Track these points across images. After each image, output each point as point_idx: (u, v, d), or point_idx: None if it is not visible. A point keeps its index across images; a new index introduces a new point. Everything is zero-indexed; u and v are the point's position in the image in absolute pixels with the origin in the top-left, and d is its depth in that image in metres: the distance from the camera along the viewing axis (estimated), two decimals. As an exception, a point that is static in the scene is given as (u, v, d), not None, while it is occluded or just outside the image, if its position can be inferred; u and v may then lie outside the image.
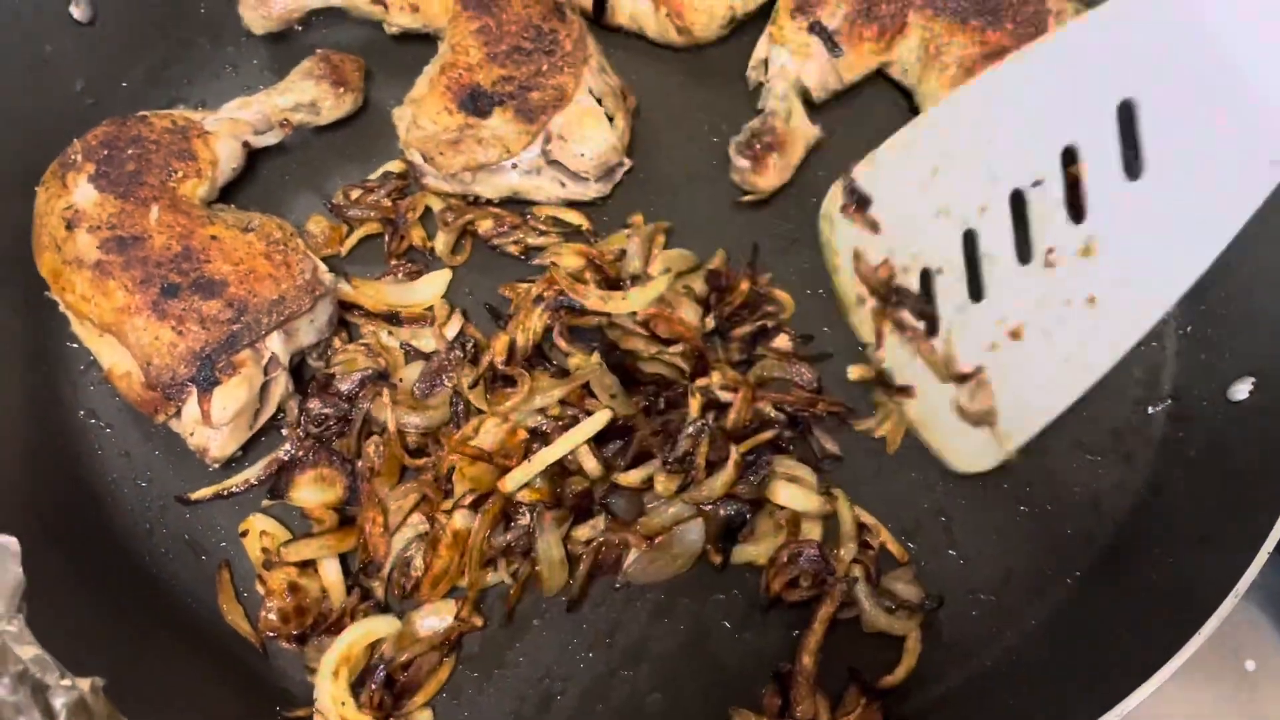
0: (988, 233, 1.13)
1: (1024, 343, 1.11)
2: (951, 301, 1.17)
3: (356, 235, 1.42)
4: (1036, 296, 1.10)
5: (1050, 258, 1.08)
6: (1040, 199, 1.08)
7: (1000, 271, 1.12)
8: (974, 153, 1.12)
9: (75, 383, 1.32)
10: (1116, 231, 1.04)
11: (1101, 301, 1.05)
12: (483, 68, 1.39)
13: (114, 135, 1.32)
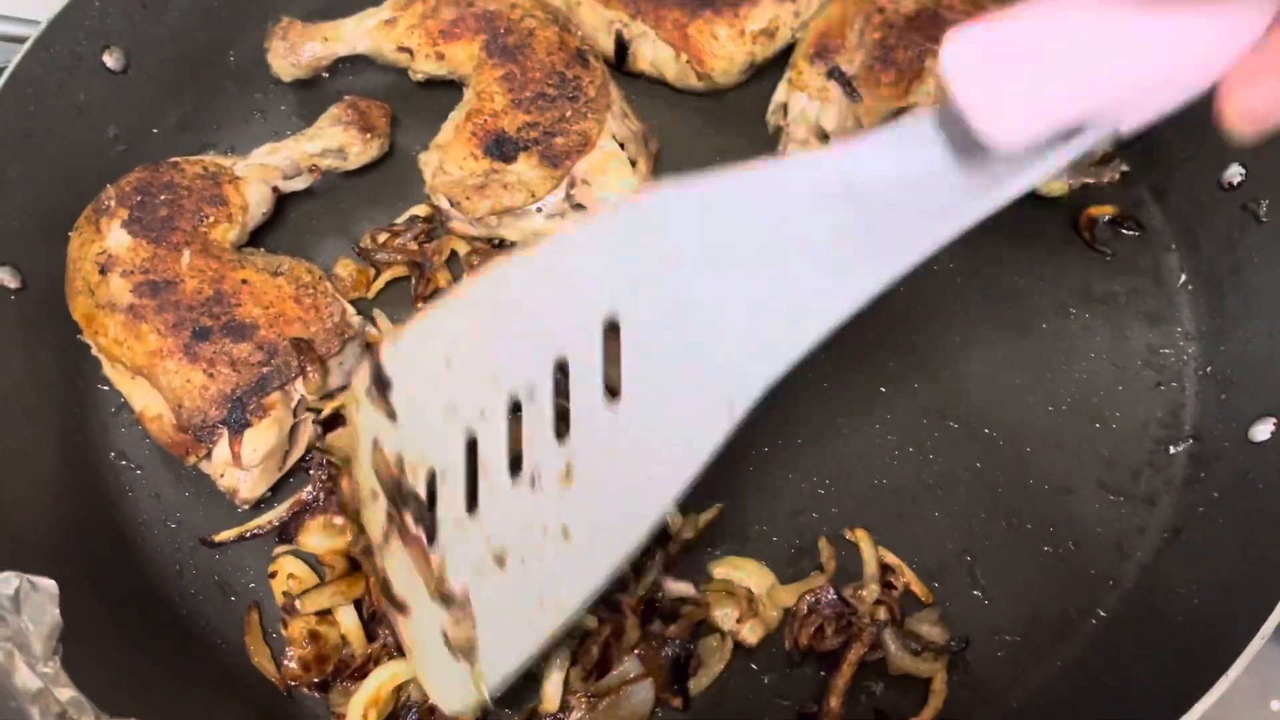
0: (486, 440, 1.01)
1: (506, 570, 1.00)
2: (451, 512, 1.04)
3: (384, 278, 1.43)
4: (520, 520, 1.00)
5: (535, 478, 0.99)
6: (533, 411, 0.98)
7: (493, 486, 1.01)
8: (481, 349, 1.02)
9: (107, 425, 1.34)
10: (594, 458, 0.96)
11: (573, 535, 0.97)
12: (508, 114, 1.42)
13: (147, 181, 1.35)
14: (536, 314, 0.99)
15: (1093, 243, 1.44)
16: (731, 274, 0.91)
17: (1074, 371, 1.35)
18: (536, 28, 1.49)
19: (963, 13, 1.47)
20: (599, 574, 0.97)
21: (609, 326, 0.95)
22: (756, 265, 0.91)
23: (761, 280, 0.91)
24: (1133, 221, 1.45)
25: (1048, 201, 1.44)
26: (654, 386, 0.93)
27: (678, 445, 0.93)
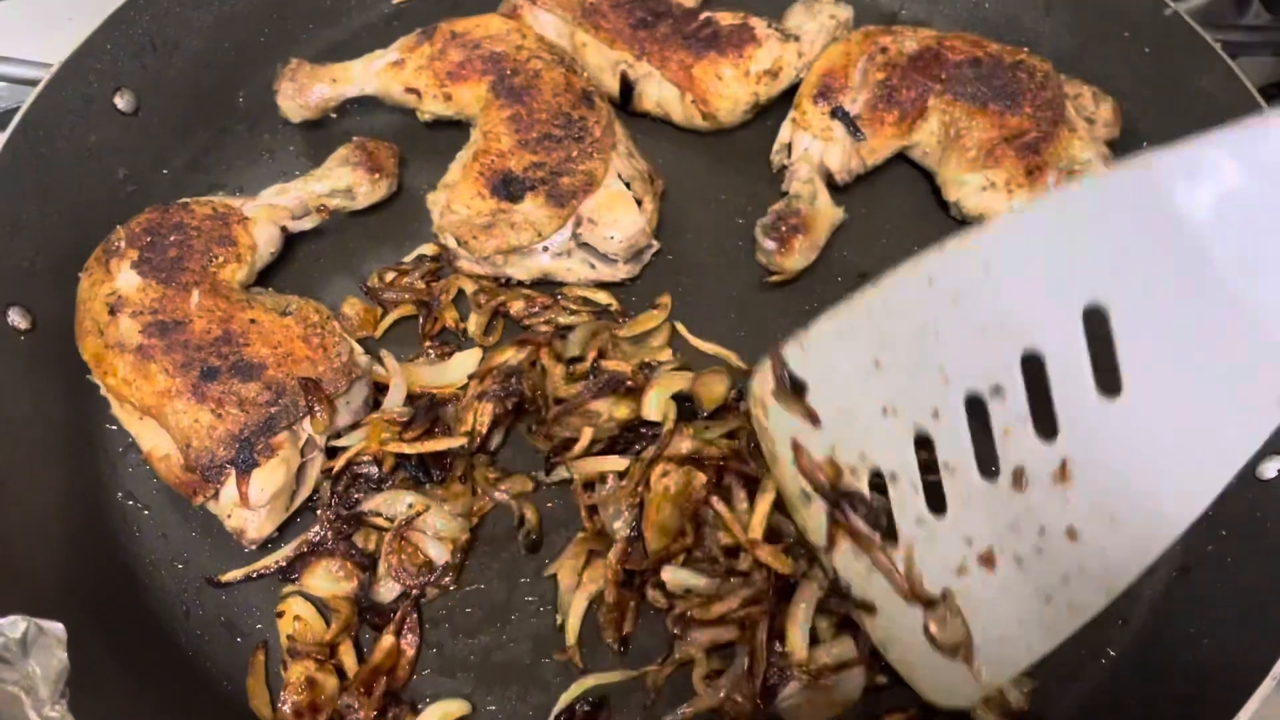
0: (944, 440, 0.95)
1: (997, 571, 0.94)
2: (909, 513, 0.99)
3: (391, 317, 1.44)
4: (1007, 520, 0.92)
5: (1019, 477, 0.90)
6: (1001, 409, 0.90)
7: (962, 486, 0.95)
8: (920, 347, 0.94)
9: (115, 465, 1.34)
10: (1095, 457, 0.86)
11: (1083, 536, 0.87)
12: (514, 154, 1.43)
13: (156, 222, 1.36)
14: (995, 304, 0.89)
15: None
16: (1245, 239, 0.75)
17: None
18: (543, 69, 1.50)
19: (964, 53, 1.49)
20: (1127, 573, 0.87)
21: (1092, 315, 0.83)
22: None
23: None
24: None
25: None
26: (1164, 378, 0.80)
27: (1204, 444, 0.80)
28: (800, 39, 1.58)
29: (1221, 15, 1.91)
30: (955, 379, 0.93)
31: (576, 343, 1.38)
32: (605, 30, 1.58)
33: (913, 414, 0.97)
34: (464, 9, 1.66)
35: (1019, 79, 1.46)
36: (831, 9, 1.63)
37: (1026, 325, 0.87)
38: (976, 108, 1.45)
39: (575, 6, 1.60)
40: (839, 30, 1.61)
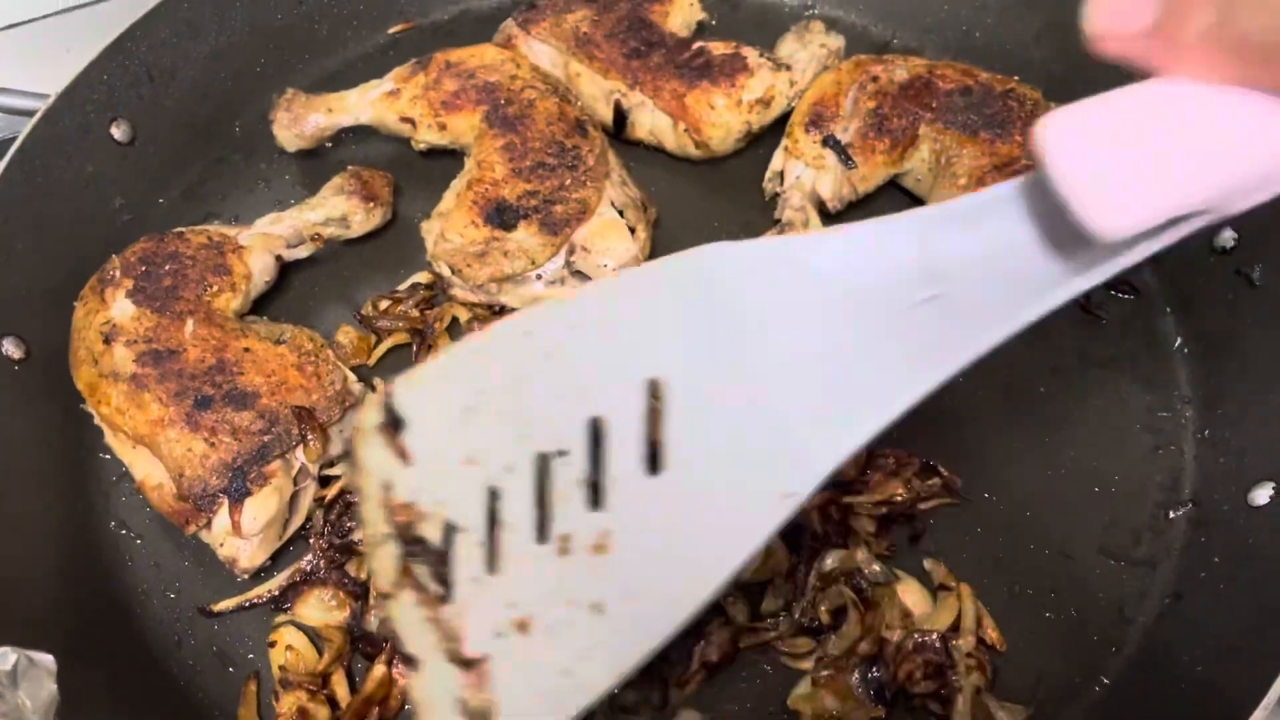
0: (511, 498, 0.93)
1: (529, 638, 0.92)
2: (467, 569, 0.96)
3: (385, 345, 1.45)
4: (547, 588, 0.91)
5: (564, 544, 0.90)
6: (563, 472, 0.90)
7: (516, 547, 0.93)
8: (507, 401, 0.93)
9: (108, 494, 1.34)
10: (632, 531, 0.88)
11: (608, 611, 0.88)
12: (508, 183, 1.44)
13: (152, 251, 1.37)
14: (571, 367, 0.91)
15: (1088, 306, 1.45)
16: (793, 345, 0.84)
17: (1072, 435, 1.35)
18: (536, 98, 1.51)
19: (955, 81, 1.50)
20: (635, 655, 0.88)
21: (651, 389, 0.87)
22: (822, 336, 0.84)
23: (826, 354, 0.84)
24: (1127, 285, 1.47)
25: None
26: (702, 459, 0.85)
27: (730, 526, 0.85)
28: (792, 68, 1.59)
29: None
30: (532, 436, 0.92)
31: None
32: (599, 60, 1.59)
33: (490, 467, 0.94)
34: (459, 39, 1.67)
35: (1009, 107, 1.47)
36: (823, 38, 1.64)
37: (598, 390, 0.88)
38: (967, 136, 1.46)
39: (569, 37, 1.62)
40: (830, 59, 1.63)
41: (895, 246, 0.84)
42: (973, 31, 1.73)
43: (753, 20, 1.83)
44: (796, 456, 0.82)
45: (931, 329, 0.82)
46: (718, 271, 0.85)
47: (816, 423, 0.82)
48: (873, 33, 1.80)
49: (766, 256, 0.84)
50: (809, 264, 0.84)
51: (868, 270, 0.83)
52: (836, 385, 0.82)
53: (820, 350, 0.83)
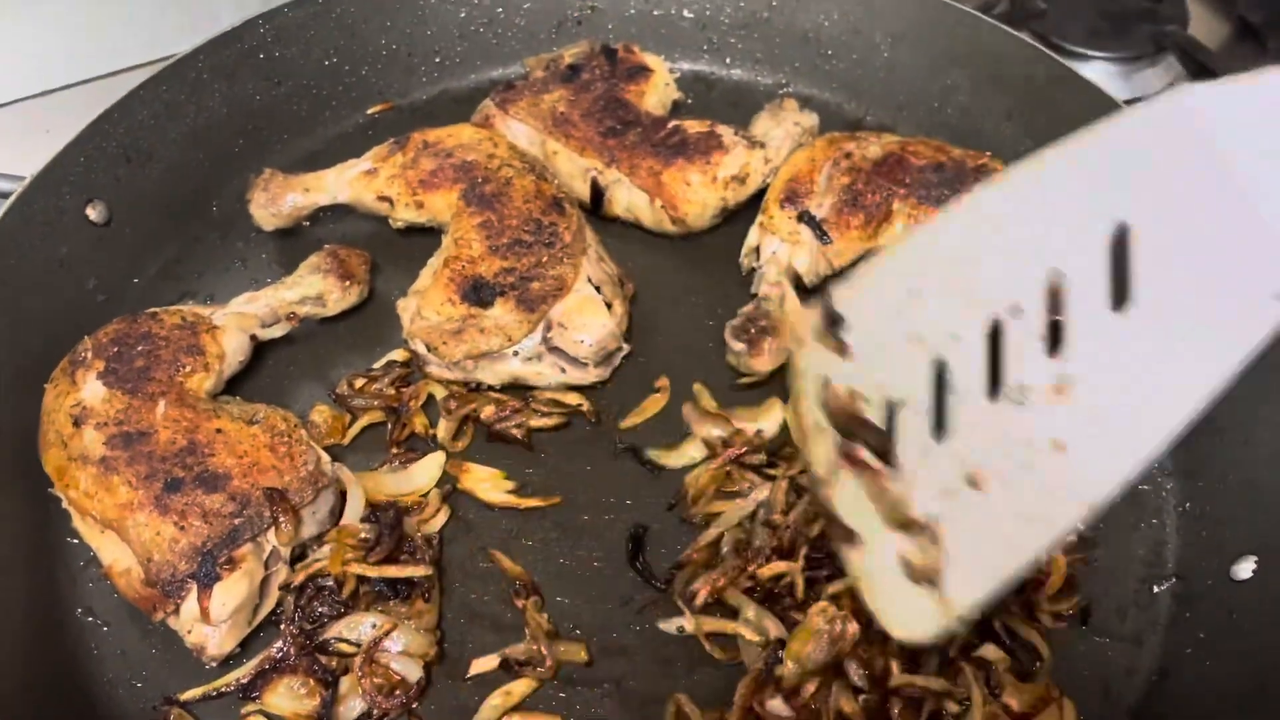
0: (958, 363, 0.99)
1: (982, 491, 0.97)
2: (913, 439, 1.02)
3: (360, 424, 1.43)
4: (1000, 438, 0.95)
5: (1020, 395, 0.94)
6: (1017, 329, 0.94)
7: (967, 408, 0.98)
8: (954, 276, 0.99)
9: (75, 580, 1.31)
10: (1093, 369, 0.91)
11: (1070, 448, 0.91)
12: (485, 260, 1.44)
13: (124, 332, 1.35)
14: (1025, 229, 0.94)
15: (1066, 379, 1.45)
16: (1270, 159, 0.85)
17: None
18: (514, 176, 1.52)
19: (927, 158, 1.52)
20: (1104, 487, 0.90)
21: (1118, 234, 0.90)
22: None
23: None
24: (1104, 357, 1.47)
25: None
26: (1172, 291, 0.87)
27: (1202, 349, 0.86)
28: (766, 146, 1.61)
29: (1178, 118, 1.96)
30: (981, 302, 0.96)
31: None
32: (575, 139, 1.60)
33: (934, 340, 1.00)
34: (437, 119, 1.69)
35: (982, 183, 1.48)
36: (796, 116, 1.67)
37: (1057, 248, 0.92)
38: (940, 211, 1.47)
39: (546, 116, 1.63)
40: (804, 137, 1.65)
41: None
42: (944, 109, 1.75)
43: (727, 99, 1.86)
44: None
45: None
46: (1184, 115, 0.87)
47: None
48: (846, 110, 1.83)
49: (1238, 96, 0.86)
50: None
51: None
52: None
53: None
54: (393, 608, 1.23)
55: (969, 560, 0.98)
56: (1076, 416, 0.91)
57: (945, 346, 0.99)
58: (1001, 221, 0.97)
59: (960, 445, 0.98)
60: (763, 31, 1.86)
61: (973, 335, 0.97)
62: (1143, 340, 0.88)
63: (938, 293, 1.00)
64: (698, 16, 1.87)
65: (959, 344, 0.98)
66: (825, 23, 1.81)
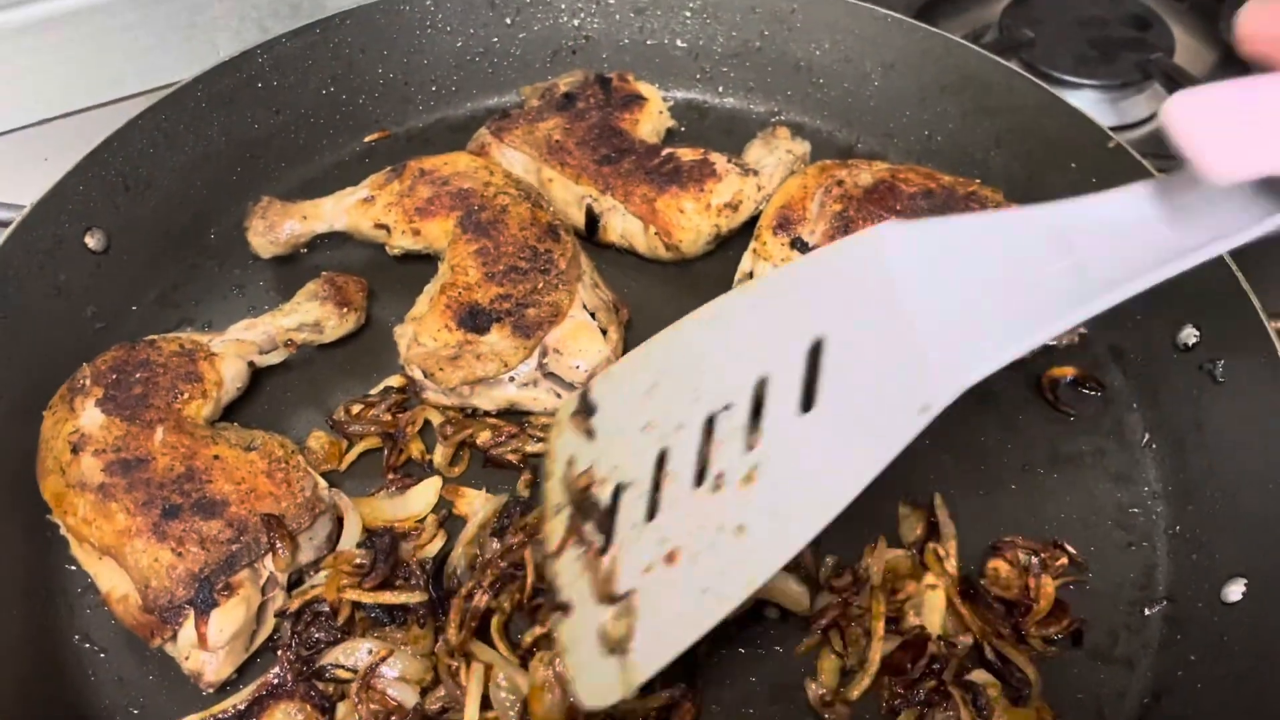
0: (677, 451, 1.09)
1: (675, 567, 1.05)
2: (630, 518, 1.11)
3: (356, 450, 1.44)
4: (697, 520, 1.05)
5: (718, 482, 1.04)
6: (725, 423, 1.06)
7: (676, 492, 1.08)
8: (688, 373, 1.11)
9: (72, 606, 1.31)
10: (779, 460, 1.01)
11: (749, 531, 1.01)
12: (481, 286, 1.45)
13: (122, 359, 1.36)
14: (747, 338, 1.06)
15: (1056, 403, 1.47)
16: (937, 293, 0.96)
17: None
18: (509, 204, 1.54)
19: (918, 185, 1.53)
20: (768, 567, 0.99)
21: (814, 345, 1.01)
22: (962, 289, 0.96)
23: (966, 300, 0.95)
24: (1094, 382, 1.48)
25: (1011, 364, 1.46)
26: (847, 395, 0.97)
27: (865, 445, 0.95)
28: (759, 173, 1.63)
29: (1164, 145, 1.98)
30: (704, 397, 1.08)
31: None
32: (571, 166, 1.62)
33: (662, 429, 1.11)
34: (434, 147, 1.71)
35: (971, 209, 1.50)
36: (789, 144, 1.69)
37: (768, 353, 1.04)
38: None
39: (542, 144, 1.65)
40: (796, 164, 1.67)
41: (1037, 221, 0.98)
42: (934, 136, 1.78)
43: (721, 127, 1.88)
44: (934, 374, 0.93)
45: (1062, 286, 0.94)
46: (877, 245, 0.99)
47: (954, 347, 0.93)
48: (837, 138, 1.85)
49: (921, 233, 0.99)
50: (960, 234, 0.99)
51: (1011, 245, 0.97)
52: (974, 321, 0.94)
53: (960, 297, 0.95)
54: (389, 633, 1.24)
55: (655, 631, 1.06)
56: (757, 503, 1.01)
57: (670, 436, 1.10)
58: (733, 327, 1.10)
59: (665, 525, 1.08)
60: (755, 60, 1.88)
61: (692, 426, 1.09)
62: (816, 439, 0.99)
63: (673, 387, 1.12)
64: (691, 46, 1.89)
65: (681, 433, 1.09)
66: (816, 52, 1.83)
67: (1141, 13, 2.14)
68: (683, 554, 1.05)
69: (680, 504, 1.07)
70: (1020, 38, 2.08)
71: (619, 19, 1.88)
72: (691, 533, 1.05)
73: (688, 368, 1.11)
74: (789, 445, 1.01)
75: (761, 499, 1.01)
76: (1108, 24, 2.12)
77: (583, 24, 1.89)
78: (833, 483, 0.96)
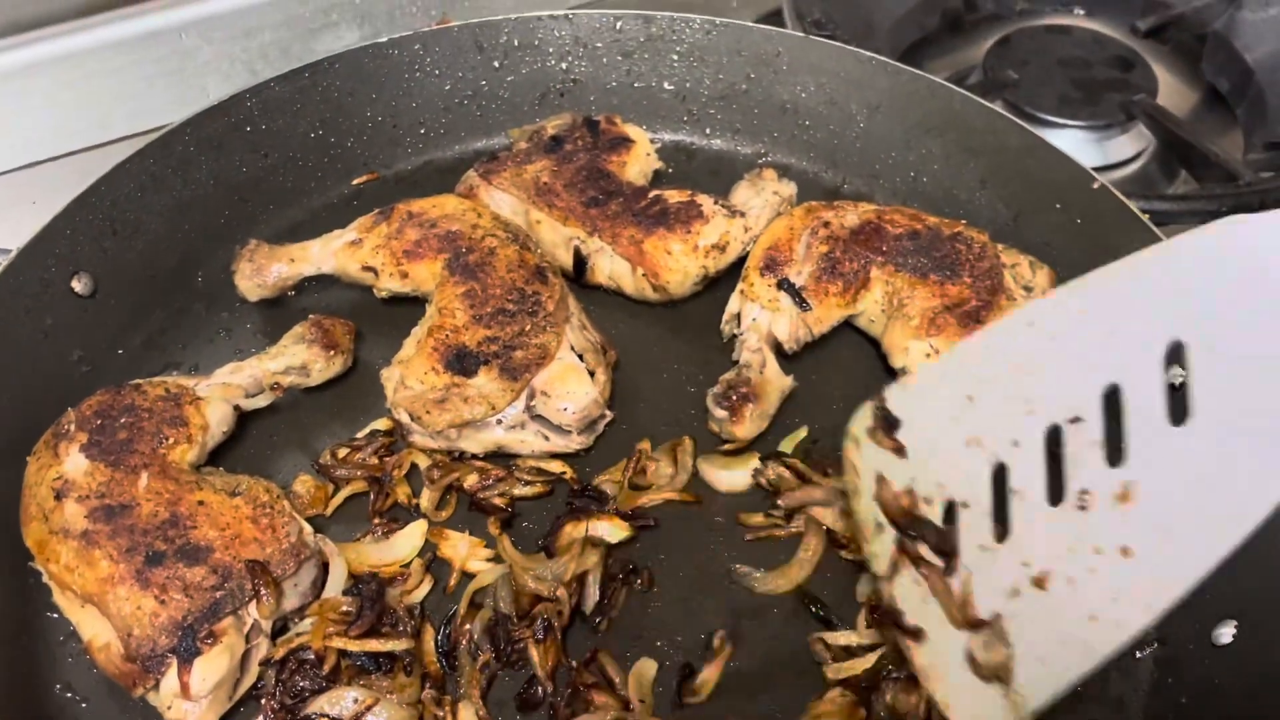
0: (1019, 468, 1.05)
1: (1049, 592, 1.01)
2: (974, 540, 1.08)
3: (342, 495, 1.43)
4: (1066, 542, 1.01)
5: (1083, 500, 1.00)
6: (1077, 437, 1.01)
7: (1029, 511, 1.04)
8: (1012, 383, 1.06)
9: (54, 655, 1.30)
10: (1157, 478, 0.96)
11: (1137, 553, 0.96)
12: (468, 329, 1.45)
13: (107, 404, 1.36)
14: (1083, 343, 1.02)
15: (1045, 443, 1.47)
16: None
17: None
18: (497, 246, 1.54)
19: (904, 226, 1.54)
20: (1171, 591, 0.95)
21: (1172, 353, 0.97)
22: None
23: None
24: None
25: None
26: (1231, 407, 0.93)
27: (1263, 463, 0.91)
28: (746, 214, 1.64)
29: (1148, 185, 2.00)
30: (1041, 411, 1.03)
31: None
32: (558, 208, 1.63)
33: (994, 445, 1.07)
34: (422, 189, 1.71)
35: (957, 250, 1.51)
36: (775, 185, 1.70)
37: (1114, 362, 0.99)
38: (918, 278, 1.50)
39: (529, 186, 1.66)
40: (783, 205, 1.67)
41: None
42: (920, 177, 1.79)
43: (708, 168, 1.89)
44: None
45: None
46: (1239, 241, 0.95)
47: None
48: (824, 179, 1.86)
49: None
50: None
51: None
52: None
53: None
54: (375, 681, 1.22)
55: (1038, 659, 1.02)
56: (1143, 523, 0.96)
57: (1005, 451, 1.06)
58: (1057, 334, 1.04)
59: (1023, 546, 1.04)
60: (741, 103, 1.89)
61: (1033, 441, 1.04)
62: (1204, 452, 0.93)
63: (996, 399, 1.07)
64: (678, 88, 1.91)
65: (1019, 449, 1.05)
66: (802, 94, 1.85)
67: (1124, 54, 2.16)
68: (1055, 577, 1.01)
69: (1037, 525, 1.03)
70: (1004, 79, 2.10)
71: (606, 62, 1.90)
72: (1061, 555, 1.00)
73: (1010, 378, 1.06)
74: (1167, 460, 0.96)
75: (1145, 518, 0.96)
76: (1091, 65, 2.14)
77: (570, 67, 1.90)
78: (1233, 498, 0.92)
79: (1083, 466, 1.00)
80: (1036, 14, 2.35)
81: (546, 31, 1.87)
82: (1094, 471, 1.00)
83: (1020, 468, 1.05)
